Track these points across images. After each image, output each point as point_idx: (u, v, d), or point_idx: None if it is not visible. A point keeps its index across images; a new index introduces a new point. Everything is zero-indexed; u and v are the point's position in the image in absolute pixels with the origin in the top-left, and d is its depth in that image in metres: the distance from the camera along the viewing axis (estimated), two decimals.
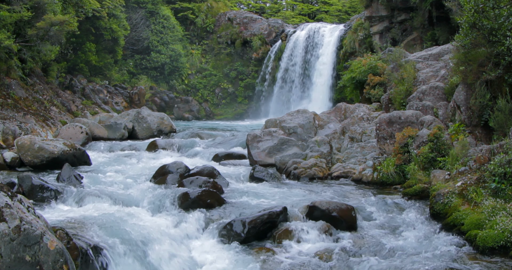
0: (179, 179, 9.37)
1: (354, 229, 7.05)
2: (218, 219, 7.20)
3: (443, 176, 7.97)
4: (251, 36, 33.60)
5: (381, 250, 6.21)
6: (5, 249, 4.20)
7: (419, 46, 21.16)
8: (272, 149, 11.88)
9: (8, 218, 4.36)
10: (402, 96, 12.33)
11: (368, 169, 10.07)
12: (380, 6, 23.09)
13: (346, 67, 21.45)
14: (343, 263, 5.85)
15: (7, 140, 13.84)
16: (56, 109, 19.05)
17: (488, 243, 5.80)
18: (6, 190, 4.81)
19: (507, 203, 6.33)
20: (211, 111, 33.56)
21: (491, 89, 8.97)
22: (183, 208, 7.60)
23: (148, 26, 32.91)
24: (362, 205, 7.98)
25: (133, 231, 6.05)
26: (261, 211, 7.00)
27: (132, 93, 29.40)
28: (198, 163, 11.85)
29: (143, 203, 7.92)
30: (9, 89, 17.02)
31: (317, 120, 13.61)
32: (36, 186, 8.12)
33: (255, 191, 9.01)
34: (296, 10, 42.78)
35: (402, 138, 9.53)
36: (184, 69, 33.98)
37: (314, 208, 7.21)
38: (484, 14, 8.51)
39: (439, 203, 7.15)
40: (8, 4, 16.54)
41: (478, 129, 9.21)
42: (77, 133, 15.19)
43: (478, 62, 8.91)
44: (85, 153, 12.06)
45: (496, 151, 7.28)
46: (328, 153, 11.37)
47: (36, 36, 17.39)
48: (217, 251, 6.28)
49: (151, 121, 18.16)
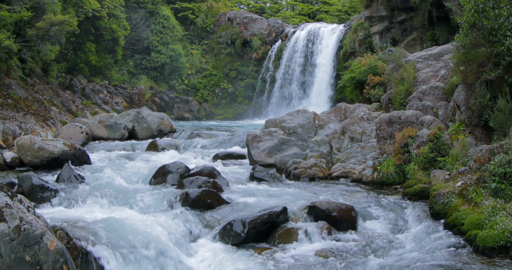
0: (179, 179, 9.37)
1: (354, 229, 7.05)
2: (218, 219, 7.20)
3: (443, 176, 7.97)
4: (251, 36, 33.60)
5: (381, 250, 6.22)
6: (5, 249, 4.20)
7: (419, 46, 21.15)
8: (272, 149, 11.88)
9: (8, 218, 4.36)
10: (402, 96, 12.32)
11: (368, 169, 10.07)
12: (380, 6, 23.08)
13: (346, 67, 21.45)
14: (343, 263, 5.85)
15: (7, 140, 13.84)
16: (56, 109, 19.05)
17: (488, 243, 5.80)
18: (6, 190, 4.81)
19: (507, 203, 6.33)
20: (211, 111, 33.55)
21: (491, 89, 8.97)
22: (183, 208, 7.60)
23: (148, 26, 32.91)
24: (362, 205, 7.98)
25: (133, 231, 6.05)
26: (261, 211, 6.99)
27: (132, 93, 29.40)
28: (198, 163, 11.85)
29: (142, 203, 7.92)
30: (9, 89, 17.02)
31: (317, 120, 13.61)
32: (36, 186, 8.12)
33: (255, 191, 9.01)
34: (296, 10, 42.78)
35: (402, 138, 9.53)
36: (184, 69, 33.98)
37: (314, 208, 7.21)
38: (484, 14, 8.51)
39: (439, 203, 7.15)
40: (8, 4, 16.54)
41: (478, 129, 9.21)
42: (77, 133, 15.19)
43: (478, 62, 8.91)
44: (85, 153, 12.06)
45: (496, 151, 7.28)
46: (328, 153, 11.37)
47: (36, 36, 17.39)
48: (217, 251, 6.28)
49: (151, 121, 18.16)
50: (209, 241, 6.63)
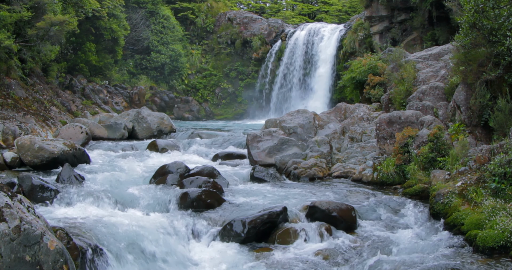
0: (179, 179, 9.36)
1: (354, 229, 7.05)
2: (218, 219, 7.20)
3: (443, 176, 7.97)
4: (251, 36, 33.61)
5: (381, 250, 6.21)
6: (5, 249, 4.20)
7: (419, 46, 21.16)
8: (272, 149, 11.88)
9: (8, 218, 4.36)
10: (402, 96, 12.33)
11: (368, 169, 10.06)
12: (380, 6, 23.09)
13: (346, 67, 21.45)
14: (343, 263, 5.85)
15: (7, 140, 13.84)
16: (56, 109, 19.05)
17: (488, 243, 5.80)
18: (6, 190, 4.81)
19: (507, 203, 6.33)
20: (211, 111, 33.57)
21: (491, 89, 8.97)
22: (183, 208, 7.60)
23: (148, 26, 32.92)
24: (362, 205, 7.98)
25: (133, 231, 6.05)
26: (261, 211, 6.99)
27: (132, 93, 29.41)
28: (198, 163, 11.85)
29: (142, 203, 7.92)
30: (9, 89, 17.02)
31: (317, 120, 13.61)
32: (36, 186, 8.12)
33: (255, 191, 9.01)
34: (296, 10, 42.80)
35: (402, 138, 9.53)
36: (184, 69, 33.99)
37: (314, 208, 7.21)
38: (484, 14, 8.51)
39: (439, 203, 7.15)
40: (8, 4, 16.54)
41: (478, 129, 9.21)
42: (77, 133, 15.19)
43: (478, 62, 8.90)
44: (85, 153, 12.06)
45: (496, 151, 7.28)
46: (328, 153, 11.37)
47: (36, 36, 17.39)
48: (216, 251, 6.28)
49: (151, 121, 18.16)
50: (209, 241, 6.63)
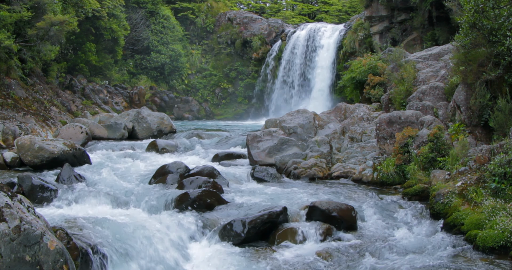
0: (179, 179, 9.36)
1: (354, 229, 7.05)
2: (218, 219, 7.20)
3: (443, 176, 7.97)
4: (251, 36, 33.61)
5: (381, 250, 6.21)
6: (5, 249, 4.20)
7: (419, 46, 21.16)
8: (272, 149, 11.88)
9: (8, 218, 4.36)
10: (402, 96, 12.33)
11: (368, 169, 10.06)
12: (380, 6, 23.09)
13: (346, 67, 21.46)
14: (343, 263, 5.85)
15: (7, 140, 13.84)
16: (56, 109, 19.05)
17: (488, 243, 5.80)
18: (6, 190, 4.81)
19: (507, 203, 6.33)
20: (211, 111, 33.57)
21: (491, 89, 8.97)
22: (183, 208, 7.59)
23: (148, 26, 32.92)
24: (362, 205, 7.98)
25: (133, 231, 6.05)
26: (261, 211, 6.99)
27: (132, 93, 29.41)
28: (198, 163, 11.85)
29: (142, 203, 7.91)
30: (9, 89, 17.02)
31: (317, 120, 13.61)
32: (36, 186, 8.12)
33: (255, 191, 9.01)
34: (296, 10, 42.80)
35: (402, 138, 9.53)
36: (184, 69, 34.00)
37: (314, 208, 7.21)
38: (484, 14, 8.51)
39: (439, 203, 7.15)
40: (8, 4, 16.55)
41: (478, 129, 9.21)
42: (77, 133, 15.19)
43: (478, 62, 8.91)
44: (85, 153, 12.06)
45: (496, 151, 7.28)
46: (328, 153, 11.37)
47: (36, 36, 17.39)
48: (216, 252, 6.28)
49: (151, 121, 18.16)
50: (209, 241, 6.63)
